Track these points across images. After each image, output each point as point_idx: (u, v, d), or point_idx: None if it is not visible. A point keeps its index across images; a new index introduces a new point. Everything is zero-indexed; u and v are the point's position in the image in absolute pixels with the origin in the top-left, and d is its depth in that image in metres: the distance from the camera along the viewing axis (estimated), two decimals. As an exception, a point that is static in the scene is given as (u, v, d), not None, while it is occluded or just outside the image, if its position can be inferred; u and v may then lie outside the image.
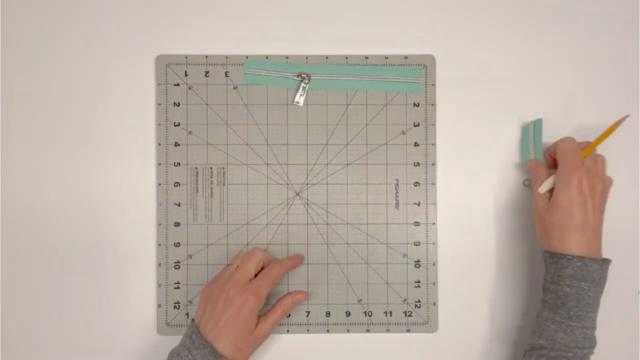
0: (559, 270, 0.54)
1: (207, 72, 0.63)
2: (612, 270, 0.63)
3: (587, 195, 0.54)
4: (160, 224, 0.63)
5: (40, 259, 0.62)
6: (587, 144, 0.58)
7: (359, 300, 0.63)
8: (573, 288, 0.53)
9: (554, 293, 0.54)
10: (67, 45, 0.63)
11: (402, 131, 0.63)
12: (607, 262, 0.55)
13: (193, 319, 0.56)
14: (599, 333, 0.60)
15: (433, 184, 0.63)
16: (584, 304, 0.53)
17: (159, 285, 0.62)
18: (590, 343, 0.54)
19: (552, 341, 0.53)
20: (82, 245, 0.62)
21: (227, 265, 0.58)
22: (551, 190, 0.57)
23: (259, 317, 0.57)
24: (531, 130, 0.61)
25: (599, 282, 0.54)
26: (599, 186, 0.55)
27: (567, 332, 0.53)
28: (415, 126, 0.63)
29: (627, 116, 0.58)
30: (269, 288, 0.57)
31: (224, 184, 0.63)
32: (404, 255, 0.63)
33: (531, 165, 0.60)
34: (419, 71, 0.63)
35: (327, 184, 0.63)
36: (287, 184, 0.63)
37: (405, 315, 0.63)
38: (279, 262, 0.59)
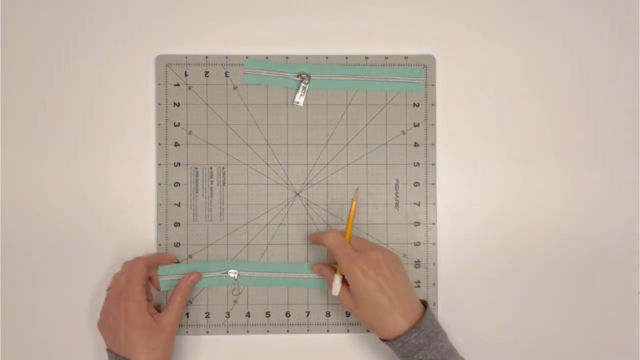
0: (396, 352, 0.54)
1: (207, 72, 0.63)
2: (612, 270, 0.63)
3: (375, 278, 0.53)
4: (160, 224, 0.63)
5: (40, 259, 0.62)
6: (343, 232, 0.58)
7: (359, 300, 0.63)
8: None
9: None
10: (67, 45, 0.63)
11: (402, 131, 0.63)
12: (427, 311, 0.55)
13: (108, 349, 0.56)
14: (599, 333, 0.60)
15: (433, 184, 0.63)
16: None
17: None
18: None
19: None
20: (82, 245, 0.62)
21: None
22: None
23: (159, 311, 0.57)
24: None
25: (432, 337, 0.54)
26: (380, 260, 0.54)
27: None
28: (415, 126, 0.63)
29: (357, 188, 0.61)
30: (138, 284, 0.56)
31: (224, 184, 0.63)
32: (404, 255, 0.63)
33: (316, 269, 0.61)
34: (419, 71, 0.63)
35: (327, 184, 0.63)
36: (287, 184, 0.63)
37: (405, 315, 0.63)
38: (142, 257, 0.59)
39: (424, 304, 0.57)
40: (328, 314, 0.63)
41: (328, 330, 0.63)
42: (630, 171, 0.63)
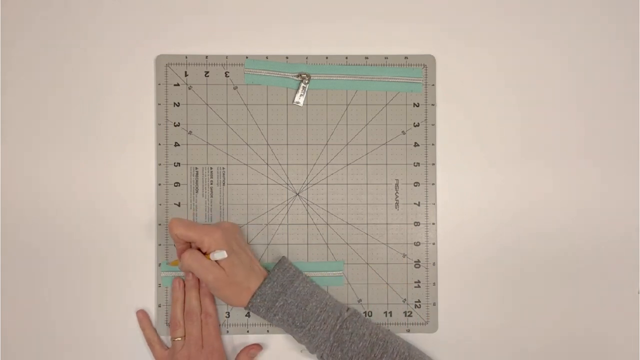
0: (259, 311, 0.57)
1: (207, 72, 0.63)
2: (612, 270, 0.63)
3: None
4: (160, 224, 0.63)
5: (40, 259, 0.62)
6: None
7: (359, 300, 0.63)
8: (277, 314, 0.56)
9: (277, 322, 0.57)
10: (67, 45, 0.63)
11: (402, 131, 0.63)
12: (277, 264, 0.58)
13: None
14: (599, 333, 0.60)
15: (433, 184, 0.63)
16: (293, 310, 0.56)
17: (159, 285, 0.62)
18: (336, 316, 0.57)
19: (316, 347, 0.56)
20: (82, 245, 0.62)
21: (173, 340, 0.60)
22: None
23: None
24: None
25: (287, 285, 0.57)
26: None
27: (316, 336, 0.56)
28: (415, 126, 0.63)
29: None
30: (218, 338, 0.60)
31: (224, 184, 0.63)
32: (404, 255, 0.63)
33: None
34: (419, 71, 0.63)
35: (327, 184, 0.63)
36: (287, 184, 0.63)
37: (405, 316, 0.63)
38: (209, 313, 0.60)
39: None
40: (328, 314, 0.63)
41: (328, 330, 0.63)
42: (630, 171, 0.63)
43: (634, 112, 0.63)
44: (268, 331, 0.62)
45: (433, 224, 0.63)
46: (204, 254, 0.56)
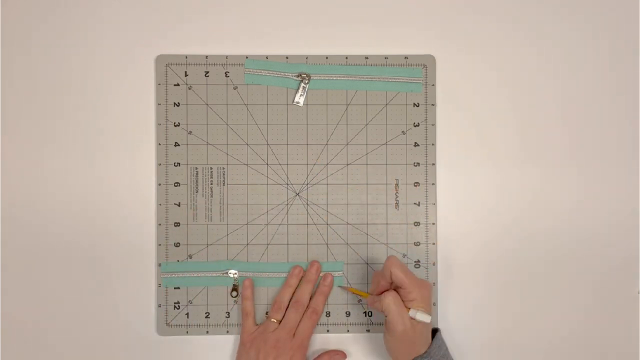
0: None
1: (207, 72, 0.63)
2: (612, 270, 0.63)
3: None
4: (160, 224, 0.63)
5: (40, 259, 0.62)
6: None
7: (359, 300, 0.63)
8: None
9: None
10: (67, 45, 0.63)
11: (402, 131, 0.63)
12: (435, 337, 0.57)
13: None
14: (599, 333, 0.60)
15: (433, 184, 0.63)
16: None
17: (159, 285, 0.62)
18: None
19: None
20: (82, 245, 0.62)
21: (269, 320, 0.60)
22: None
23: None
24: None
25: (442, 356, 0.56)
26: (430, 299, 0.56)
27: None
28: (415, 126, 0.63)
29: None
30: (309, 336, 0.60)
31: (224, 184, 0.63)
32: (404, 255, 0.63)
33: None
34: (419, 71, 0.63)
35: (327, 184, 0.63)
36: (287, 184, 0.63)
37: (405, 315, 0.63)
38: (316, 311, 0.60)
39: (434, 330, 0.59)
40: (328, 314, 0.63)
41: (328, 330, 0.63)
42: (630, 171, 0.63)
43: (634, 112, 0.63)
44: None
45: (433, 224, 0.63)
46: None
